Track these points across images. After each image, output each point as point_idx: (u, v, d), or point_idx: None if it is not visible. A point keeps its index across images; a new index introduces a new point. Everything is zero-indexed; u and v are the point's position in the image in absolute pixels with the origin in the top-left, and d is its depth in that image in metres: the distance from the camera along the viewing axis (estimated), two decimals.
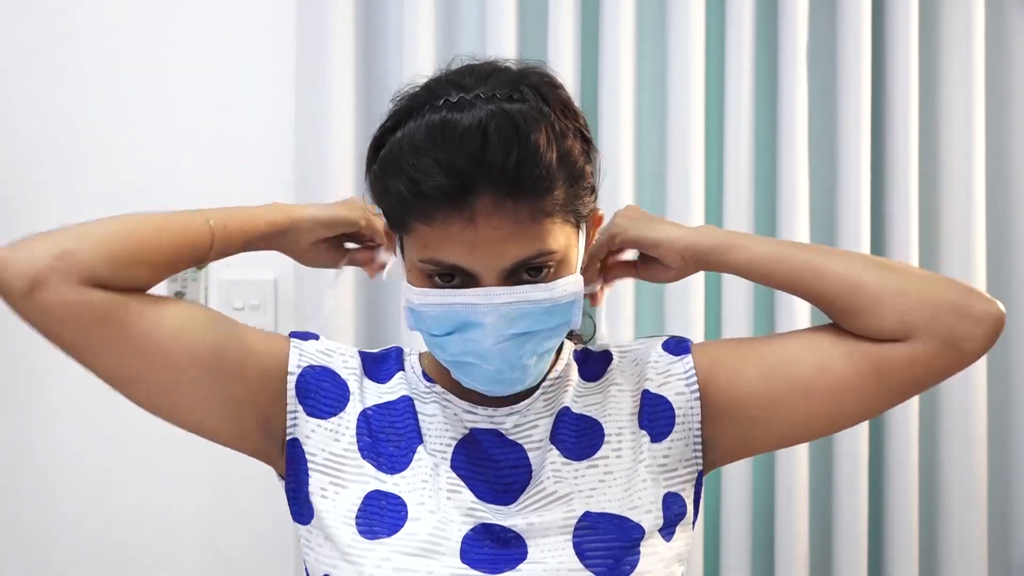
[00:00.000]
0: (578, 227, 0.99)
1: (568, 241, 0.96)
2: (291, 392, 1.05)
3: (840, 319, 1.03)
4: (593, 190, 1.00)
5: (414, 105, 0.96)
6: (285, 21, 1.82)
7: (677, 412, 1.05)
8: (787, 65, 1.85)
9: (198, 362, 1.00)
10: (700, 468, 1.07)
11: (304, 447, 1.04)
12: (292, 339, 1.08)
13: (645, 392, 1.06)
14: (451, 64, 1.01)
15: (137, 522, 1.85)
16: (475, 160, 0.89)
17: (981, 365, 1.88)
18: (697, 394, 1.05)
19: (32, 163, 1.83)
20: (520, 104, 0.93)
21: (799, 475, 1.84)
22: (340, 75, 1.78)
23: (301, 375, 1.05)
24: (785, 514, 1.85)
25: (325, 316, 1.74)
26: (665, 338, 1.11)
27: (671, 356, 1.08)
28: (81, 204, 1.83)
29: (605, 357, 1.11)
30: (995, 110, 1.93)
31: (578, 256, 1.00)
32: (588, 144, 1.00)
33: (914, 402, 1.86)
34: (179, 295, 1.82)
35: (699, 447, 1.06)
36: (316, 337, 1.10)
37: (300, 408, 1.04)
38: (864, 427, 1.85)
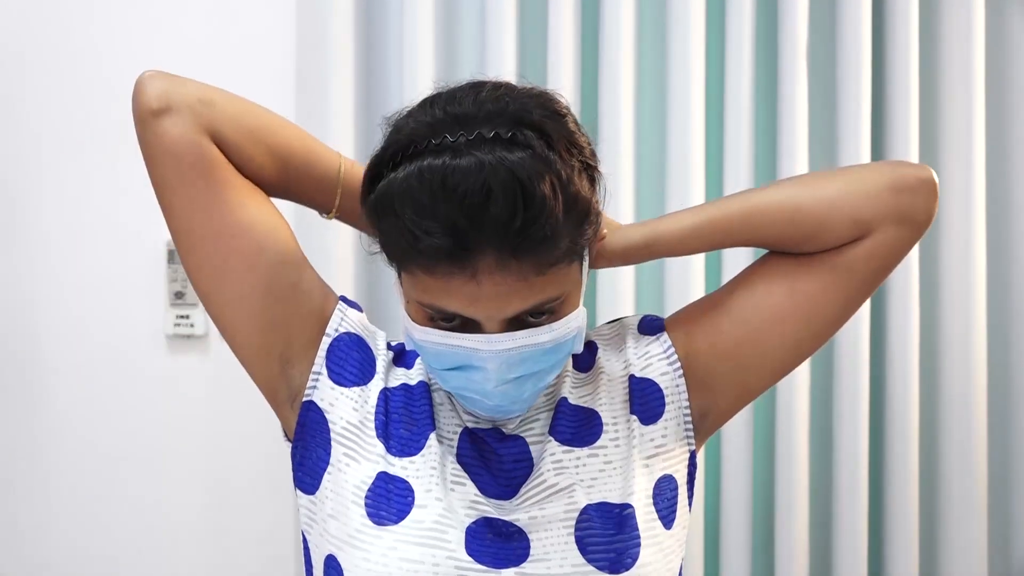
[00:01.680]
0: (582, 258, 0.97)
1: (572, 279, 0.95)
2: (322, 352, 1.05)
3: (794, 248, 1.04)
4: (598, 215, 0.97)
5: (410, 141, 0.91)
6: (285, 21, 1.83)
7: (665, 392, 1.06)
8: (787, 65, 1.85)
9: (259, 265, 1.01)
10: (692, 447, 1.07)
11: (327, 415, 1.03)
12: (340, 301, 1.08)
13: (631, 377, 1.06)
14: (449, 85, 0.97)
15: (136, 522, 1.85)
16: (477, 221, 0.86)
17: (981, 364, 1.88)
18: (680, 371, 1.06)
19: (32, 163, 1.83)
20: (522, 151, 0.88)
21: (799, 475, 1.84)
22: (340, 75, 1.78)
23: (336, 340, 1.05)
24: (785, 514, 1.85)
25: None
26: (639, 318, 1.11)
27: (648, 336, 1.09)
28: (81, 204, 1.84)
29: (590, 347, 1.11)
30: (995, 110, 1.93)
31: (581, 287, 0.98)
32: (593, 170, 0.96)
33: (914, 402, 1.86)
34: (179, 295, 1.82)
35: (689, 425, 1.06)
36: (360, 310, 1.11)
37: (325, 372, 1.04)
38: (864, 427, 1.85)
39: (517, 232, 0.86)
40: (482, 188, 0.85)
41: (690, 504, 1.07)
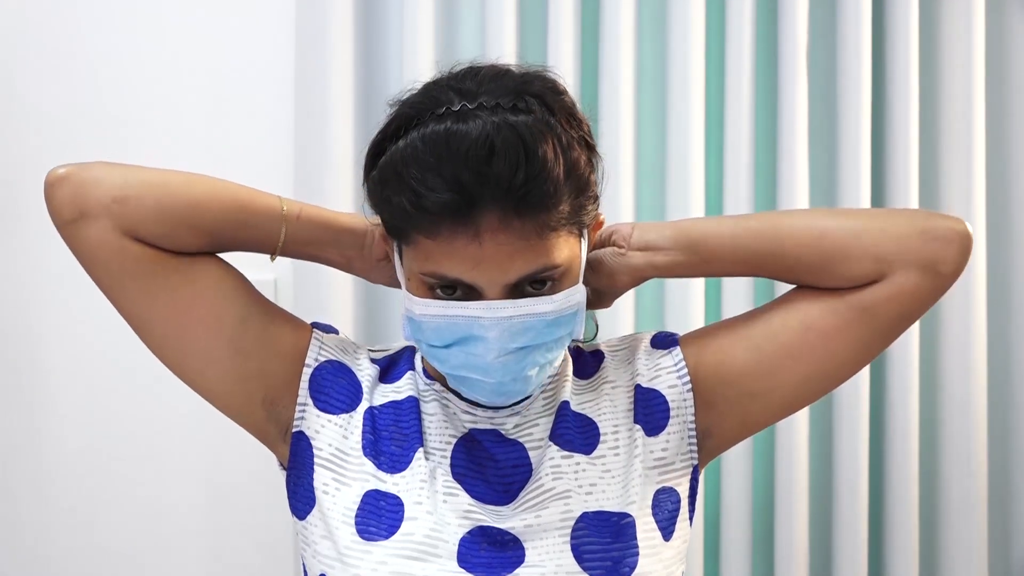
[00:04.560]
0: (581, 236, 0.98)
1: (572, 252, 0.95)
2: (304, 384, 1.04)
3: (814, 277, 1.02)
4: (596, 198, 0.99)
5: (415, 112, 0.94)
6: (285, 21, 1.82)
7: (671, 405, 1.05)
8: (787, 65, 1.85)
9: (221, 330, 1.00)
10: (695, 463, 1.06)
11: (312, 441, 1.03)
12: (314, 330, 1.08)
13: (637, 387, 1.06)
14: (452, 68, 0.99)
15: (136, 523, 1.85)
16: (481, 176, 0.87)
17: (981, 365, 1.88)
18: (689, 386, 1.05)
19: (32, 163, 1.83)
20: (525, 115, 0.90)
21: (799, 475, 1.84)
22: (340, 75, 1.78)
23: (317, 369, 1.05)
24: (785, 513, 1.85)
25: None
26: (653, 333, 1.11)
27: (660, 350, 1.08)
28: None
29: (596, 355, 1.10)
30: (995, 110, 1.93)
31: (581, 264, 0.98)
32: (592, 151, 0.98)
33: (914, 403, 1.86)
34: None
35: (694, 441, 1.06)
36: (336, 331, 1.10)
37: (310, 402, 1.04)
38: (864, 427, 1.85)
39: (519, 187, 0.88)
40: (485, 144, 0.87)
41: (691, 519, 1.06)
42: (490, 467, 1.01)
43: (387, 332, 1.83)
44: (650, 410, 1.05)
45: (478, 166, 0.87)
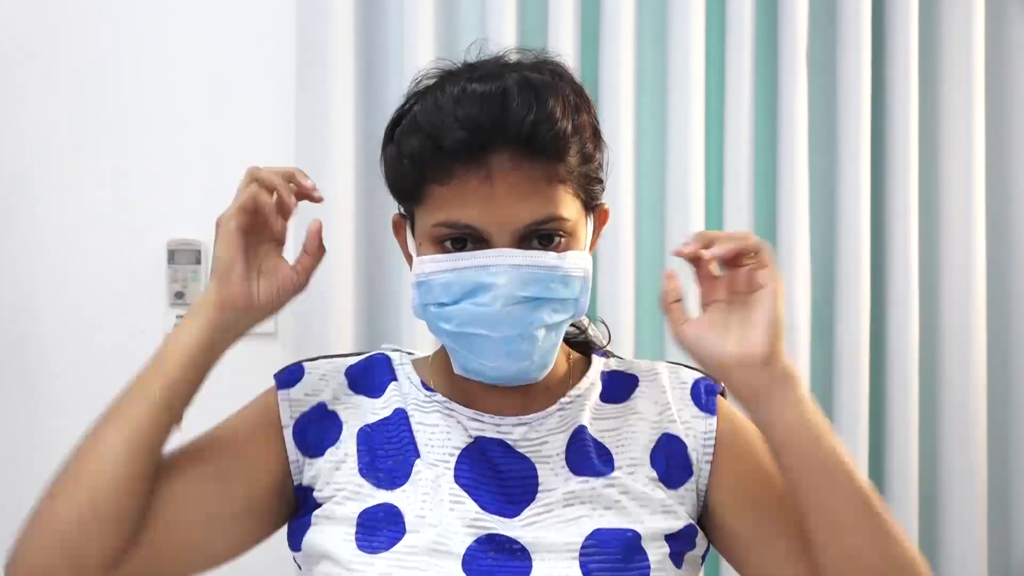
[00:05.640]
0: (587, 211, 1.00)
1: (579, 216, 0.98)
2: (290, 444, 1.04)
3: (805, 537, 0.99)
4: (601, 182, 1.02)
5: (433, 85, 0.99)
6: (285, 21, 1.82)
7: (693, 468, 1.04)
8: (787, 65, 1.85)
9: (217, 529, 1.02)
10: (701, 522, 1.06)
11: (313, 486, 1.03)
12: (279, 391, 1.07)
13: (665, 434, 1.04)
14: (468, 51, 1.04)
15: None
16: (494, 117, 0.91)
17: (981, 364, 1.88)
18: (709, 460, 1.04)
19: (32, 163, 1.83)
20: (540, 75, 0.96)
21: None
22: (340, 75, 1.78)
23: (296, 426, 1.04)
24: None
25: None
26: (696, 378, 1.08)
27: (696, 409, 1.06)
28: (82, 204, 1.84)
29: (631, 381, 1.08)
30: (995, 110, 1.93)
31: (586, 238, 1.00)
32: (597, 136, 1.01)
33: (914, 402, 1.86)
34: (179, 295, 1.82)
35: (704, 504, 1.05)
36: (300, 370, 1.08)
37: (301, 457, 1.04)
38: (864, 426, 1.85)
39: (530, 129, 0.91)
40: (499, 87, 0.93)
41: (703, 559, 1.06)
42: (495, 479, 0.99)
43: (387, 334, 1.83)
44: (672, 463, 1.03)
45: (492, 109, 0.91)
